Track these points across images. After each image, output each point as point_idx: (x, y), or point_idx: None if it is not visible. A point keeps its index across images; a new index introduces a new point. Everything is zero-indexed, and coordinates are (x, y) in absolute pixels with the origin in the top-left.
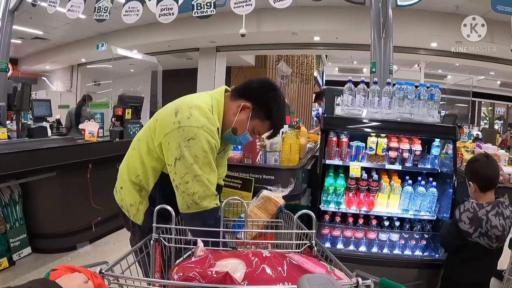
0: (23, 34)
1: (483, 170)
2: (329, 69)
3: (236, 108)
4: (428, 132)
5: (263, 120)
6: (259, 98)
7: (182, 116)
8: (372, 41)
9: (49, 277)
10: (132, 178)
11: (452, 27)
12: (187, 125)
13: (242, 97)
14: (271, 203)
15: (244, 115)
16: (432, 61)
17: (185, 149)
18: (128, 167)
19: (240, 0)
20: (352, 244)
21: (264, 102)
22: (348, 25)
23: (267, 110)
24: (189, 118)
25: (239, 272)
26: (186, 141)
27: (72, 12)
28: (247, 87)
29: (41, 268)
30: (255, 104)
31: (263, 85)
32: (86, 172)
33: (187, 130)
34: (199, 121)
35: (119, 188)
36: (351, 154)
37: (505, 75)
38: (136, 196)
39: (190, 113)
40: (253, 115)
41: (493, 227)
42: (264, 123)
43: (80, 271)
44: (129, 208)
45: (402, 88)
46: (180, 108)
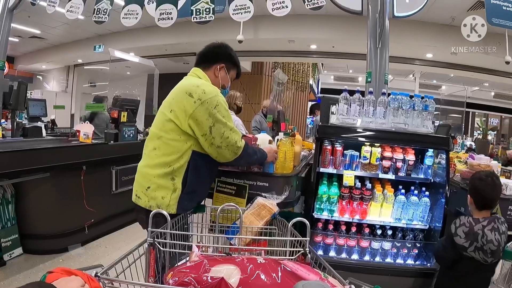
0: (21, 32)
1: (485, 192)
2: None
3: (215, 72)
4: (422, 142)
5: (233, 68)
6: (223, 56)
7: (198, 94)
8: (368, 51)
9: (46, 280)
10: (164, 171)
11: (448, 38)
12: (208, 97)
13: (212, 63)
14: (265, 210)
15: (223, 73)
16: (427, 72)
17: (216, 115)
18: (155, 165)
19: (239, 7)
20: (344, 252)
21: (227, 56)
22: (345, 34)
23: (232, 60)
24: (205, 93)
25: (234, 278)
26: (213, 109)
27: (71, 13)
28: (209, 55)
29: (32, 269)
30: (224, 61)
31: (219, 46)
32: (80, 174)
33: (210, 101)
34: (212, 91)
35: (143, 191)
36: (345, 162)
37: (499, 86)
38: (169, 186)
39: (202, 89)
40: (227, 69)
41: (488, 242)
42: (234, 70)
43: (77, 274)
44: (161, 202)
45: (396, 99)
46: (190, 90)
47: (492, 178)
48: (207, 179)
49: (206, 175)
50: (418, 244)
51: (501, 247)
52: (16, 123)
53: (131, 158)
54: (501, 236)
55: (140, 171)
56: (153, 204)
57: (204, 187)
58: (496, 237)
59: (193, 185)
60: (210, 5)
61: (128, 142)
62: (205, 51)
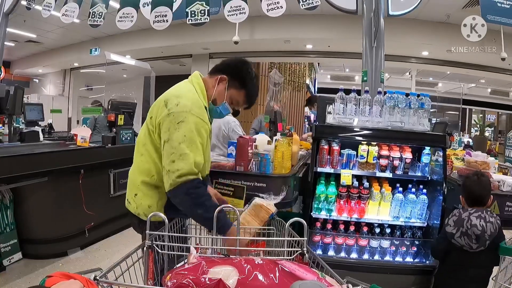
0: (17, 37)
1: (471, 188)
2: (321, 76)
3: (214, 81)
4: (418, 140)
5: (239, 89)
6: (233, 70)
7: (171, 105)
8: (363, 50)
9: (45, 284)
10: (147, 179)
11: (443, 36)
12: (177, 111)
13: (218, 71)
14: (263, 211)
15: (221, 86)
16: (423, 69)
17: (174, 131)
18: (140, 172)
19: (233, 8)
20: (343, 251)
21: (238, 73)
22: (340, 33)
23: (241, 79)
24: (177, 105)
25: (232, 279)
26: (175, 124)
27: (67, 17)
28: (222, 64)
29: (31, 273)
30: (230, 75)
31: (237, 60)
32: (78, 177)
33: (177, 115)
34: (186, 106)
35: (132, 197)
36: (342, 162)
37: (495, 83)
38: (154, 195)
39: (178, 101)
40: (230, 85)
41: (472, 226)
42: (240, 92)
43: (76, 278)
44: (147, 211)
45: (392, 97)
46: (168, 99)
47: (478, 176)
48: None
49: None
50: (416, 241)
51: (487, 235)
52: (13, 128)
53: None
54: (486, 224)
55: (129, 177)
56: (140, 212)
57: None
58: (481, 223)
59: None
60: (205, 7)
61: (125, 145)
62: (223, 60)
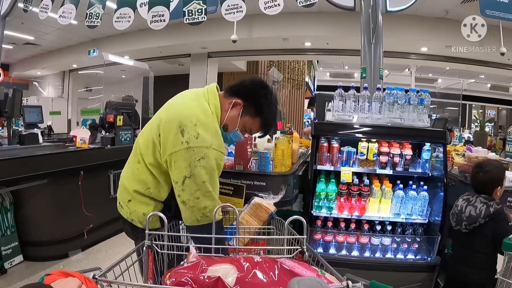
0: (15, 39)
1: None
2: (321, 74)
3: (228, 105)
4: (418, 137)
5: (254, 117)
6: (250, 95)
7: (190, 136)
8: (362, 47)
9: (44, 282)
10: (141, 190)
11: (442, 31)
12: (197, 145)
13: (234, 94)
14: (262, 210)
15: (235, 112)
16: (423, 65)
17: (196, 168)
18: (135, 180)
19: (231, 6)
20: (344, 249)
21: (255, 99)
22: (339, 30)
23: (258, 106)
24: (197, 138)
25: (230, 277)
26: (196, 160)
27: (64, 18)
28: (239, 85)
29: (33, 276)
30: (246, 100)
31: (255, 83)
32: (77, 179)
33: (197, 151)
34: (207, 141)
35: (125, 202)
36: (342, 159)
37: (495, 78)
38: (150, 203)
39: (197, 132)
40: (244, 111)
41: (456, 206)
42: (254, 120)
43: (74, 276)
44: (142, 219)
45: (392, 93)
46: (184, 126)
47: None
48: None
49: None
50: (418, 238)
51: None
52: (12, 130)
53: None
54: (467, 206)
55: (122, 180)
56: (134, 219)
57: None
58: (463, 204)
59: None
60: (202, 6)
61: (125, 146)
62: (242, 79)
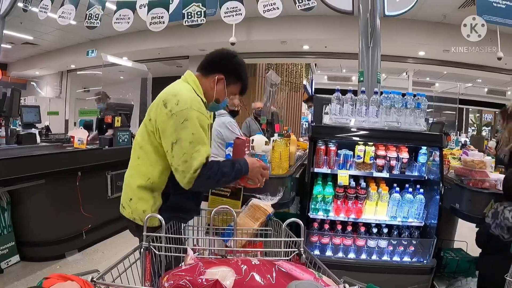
0: (13, 39)
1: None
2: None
3: (212, 83)
4: (415, 140)
5: (236, 83)
6: (227, 67)
7: (171, 104)
8: (360, 50)
9: (42, 285)
10: (142, 183)
11: (440, 36)
12: (178, 110)
13: (211, 72)
14: (260, 212)
15: (221, 85)
16: (420, 69)
17: (181, 131)
18: (138, 175)
19: (230, 9)
20: (341, 251)
21: (232, 69)
22: (337, 34)
23: (237, 74)
24: (178, 104)
25: (228, 279)
26: (180, 123)
27: (63, 19)
28: (212, 62)
29: (29, 276)
30: (226, 73)
31: (224, 55)
32: (75, 179)
33: (179, 115)
34: (186, 102)
35: (127, 202)
36: (339, 162)
37: (492, 82)
38: (149, 200)
39: (177, 99)
40: (227, 82)
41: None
42: (237, 85)
43: (73, 280)
44: (142, 216)
45: (389, 97)
46: (167, 99)
47: None
48: (192, 195)
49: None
50: (414, 241)
51: None
52: (10, 130)
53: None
54: None
55: (125, 181)
56: (136, 217)
57: (189, 202)
58: None
59: (176, 200)
60: (201, 8)
61: (122, 147)
62: (208, 56)
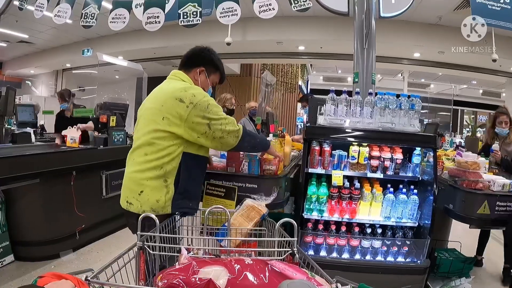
0: (9, 37)
1: None
2: (314, 78)
3: (195, 75)
4: (409, 141)
5: (215, 72)
6: (206, 60)
7: (189, 98)
8: (355, 51)
9: (37, 284)
10: (155, 173)
11: (435, 37)
12: (198, 100)
13: (192, 66)
14: (254, 212)
15: (203, 77)
16: (415, 71)
17: (208, 114)
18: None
19: (226, 9)
20: (335, 252)
21: (210, 61)
22: (333, 35)
23: (214, 65)
24: (195, 96)
25: (222, 279)
26: (205, 109)
27: (59, 17)
28: (191, 57)
29: (24, 276)
30: (205, 65)
31: (200, 50)
32: (70, 179)
33: (201, 103)
34: (201, 93)
35: (135, 196)
36: (334, 163)
37: (487, 84)
38: (162, 189)
39: (191, 93)
40: (208, 73)
41: None
42: (216, 74)
43: (67, 278)
44: (156, 205)
45: (383, 98)
46: (180, 96)
47: None
48: (198, 178)
49: (197, 175)
50: (408, 241)
51: None
52: (4, 129)
53: (121, 163)
54: None
55: (129, 177)
56: (146, 209)
57: (196, 186)
58: None
59: (185, 185)
60: (197, 9)
61: (117, 146)
62: (187, 54)
